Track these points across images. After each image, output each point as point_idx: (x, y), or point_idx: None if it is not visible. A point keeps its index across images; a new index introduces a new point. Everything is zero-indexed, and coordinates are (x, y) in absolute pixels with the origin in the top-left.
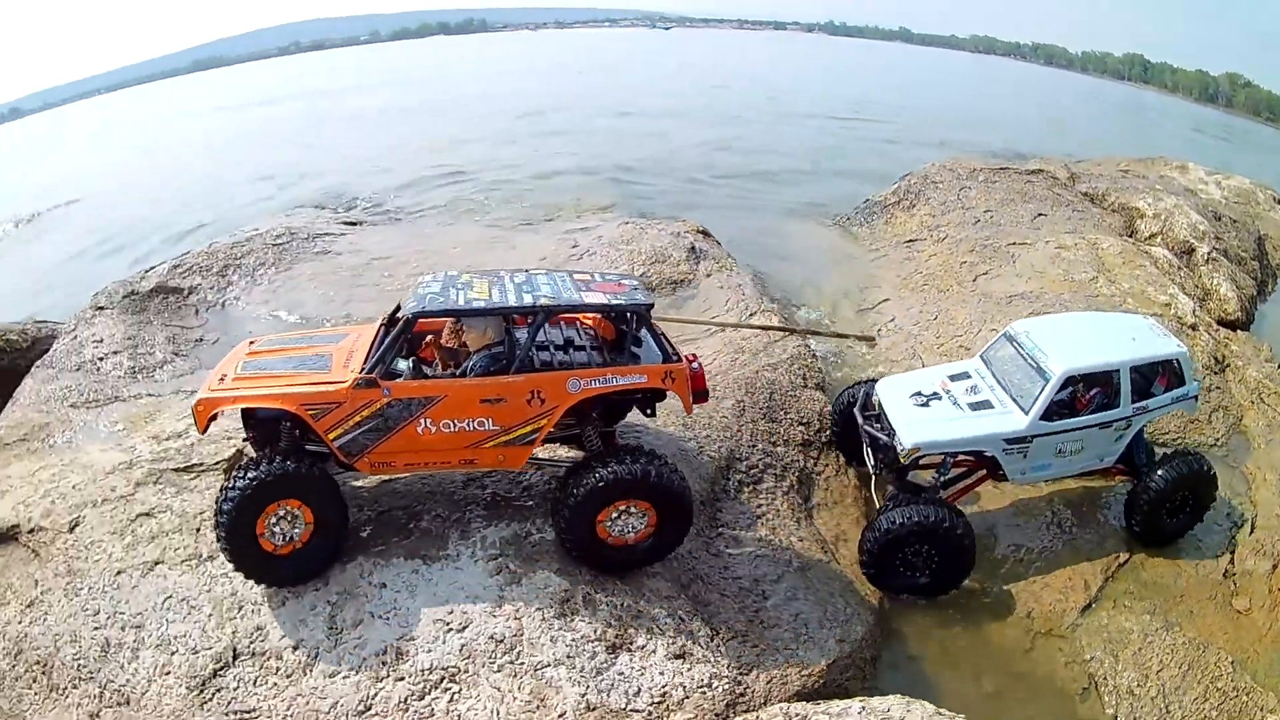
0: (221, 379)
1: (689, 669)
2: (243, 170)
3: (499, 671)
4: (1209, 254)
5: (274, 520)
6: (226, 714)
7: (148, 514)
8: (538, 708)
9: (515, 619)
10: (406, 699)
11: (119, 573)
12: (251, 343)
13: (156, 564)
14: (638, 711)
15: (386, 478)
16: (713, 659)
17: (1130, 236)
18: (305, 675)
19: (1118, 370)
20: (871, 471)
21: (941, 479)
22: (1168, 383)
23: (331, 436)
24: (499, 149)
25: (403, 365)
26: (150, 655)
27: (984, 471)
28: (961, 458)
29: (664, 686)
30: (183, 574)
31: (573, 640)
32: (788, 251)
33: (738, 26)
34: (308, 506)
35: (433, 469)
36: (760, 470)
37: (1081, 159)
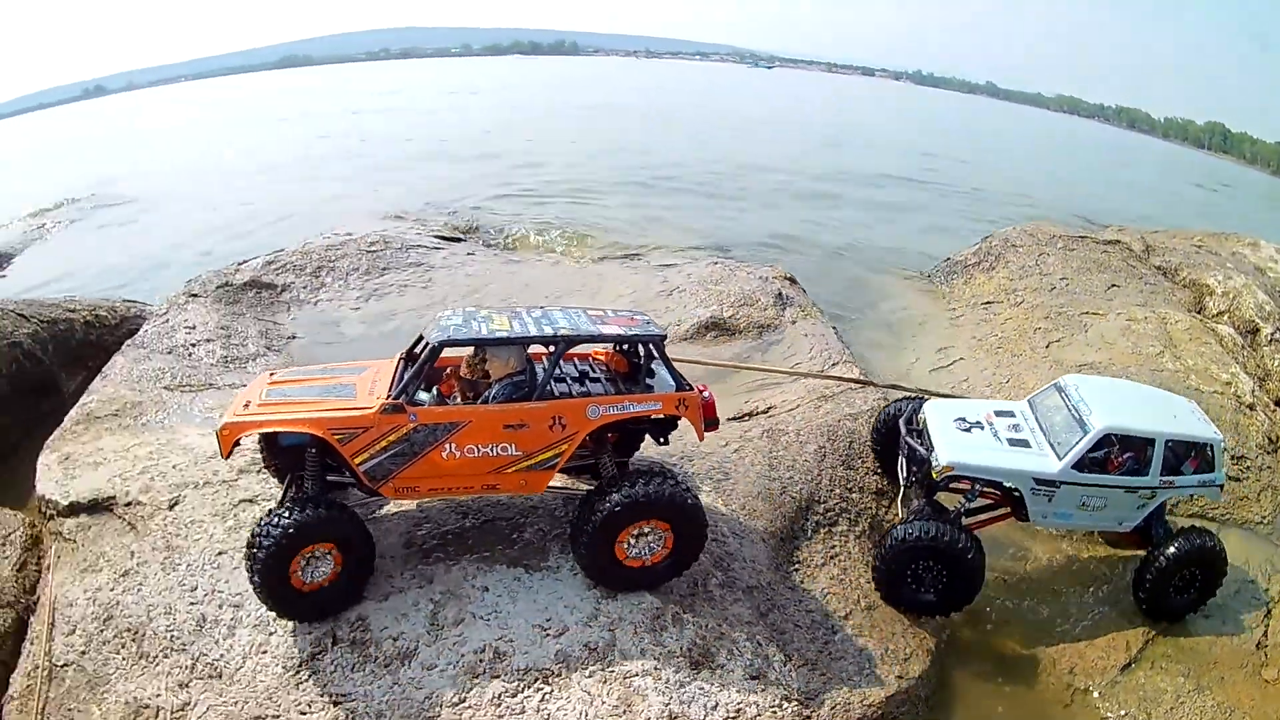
0: (246, 405)
1: (763, 689)
2: (341, 171)
3: (590, 677)
4: (1273, 334)
5: (305, 560)
6: (322, 695)
7: (251, 500)
8: (623, 713)
9: (609, 630)
10: (500, 695)
11: (220, 553)
12: (271, 374)
13: None
14: None
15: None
16: (784, 682)
17: (1199, 312)
18: (404, 666)
19: (1154, 440)
20: (902, 483)
21: (967, 505)
22: (1197, 466)
23: (358, 461)
24: (597, 174)
25: (424, 397)
26: (247, 634)
27: (1008, 510)
28: (988, 490)
29: (739, 704)
30: None
31: (660, 654)
32: (869, 303)
33: (828, 70)
34: (338, 548)
35: (456, 494)
36: (836, 514)
37: (1157, 229)
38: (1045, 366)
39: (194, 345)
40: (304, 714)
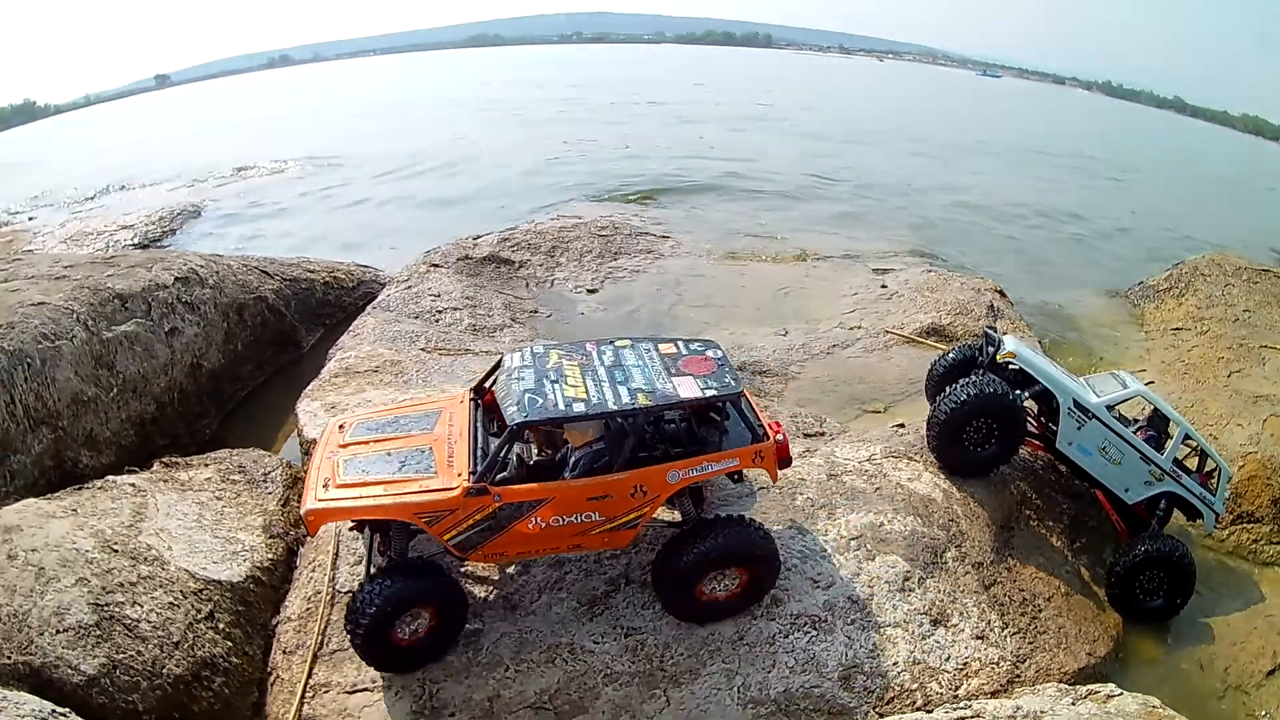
0: (325, 484)
1: (985, 649)
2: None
3: (851, 624)
4: None
5: (404, 619)
6: (614, 628)
7: None
8: (877, 656)
9: (868, 587)
10: (774, 635)
11: None
12: (341, 427)
13: None
14: (946, 672)
15: None
16: (1001, 645)
17: None
18: None
19: (1178, 426)
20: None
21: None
22: (1204, 482)
23: (446, 538)
24: (841, 162)
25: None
26: (541, 573)
27: (1039, 443)
28: (1033, 436)
29: (966, 658)
30: None
31: (908, 610)
32: (1068, 319)
33: (1019, 75)
34: (434, 609)
35: (542, 555)
36: (1045, 509)
37: None
38: (1226, 395)
39: (441, 312)
40: (596, 643)
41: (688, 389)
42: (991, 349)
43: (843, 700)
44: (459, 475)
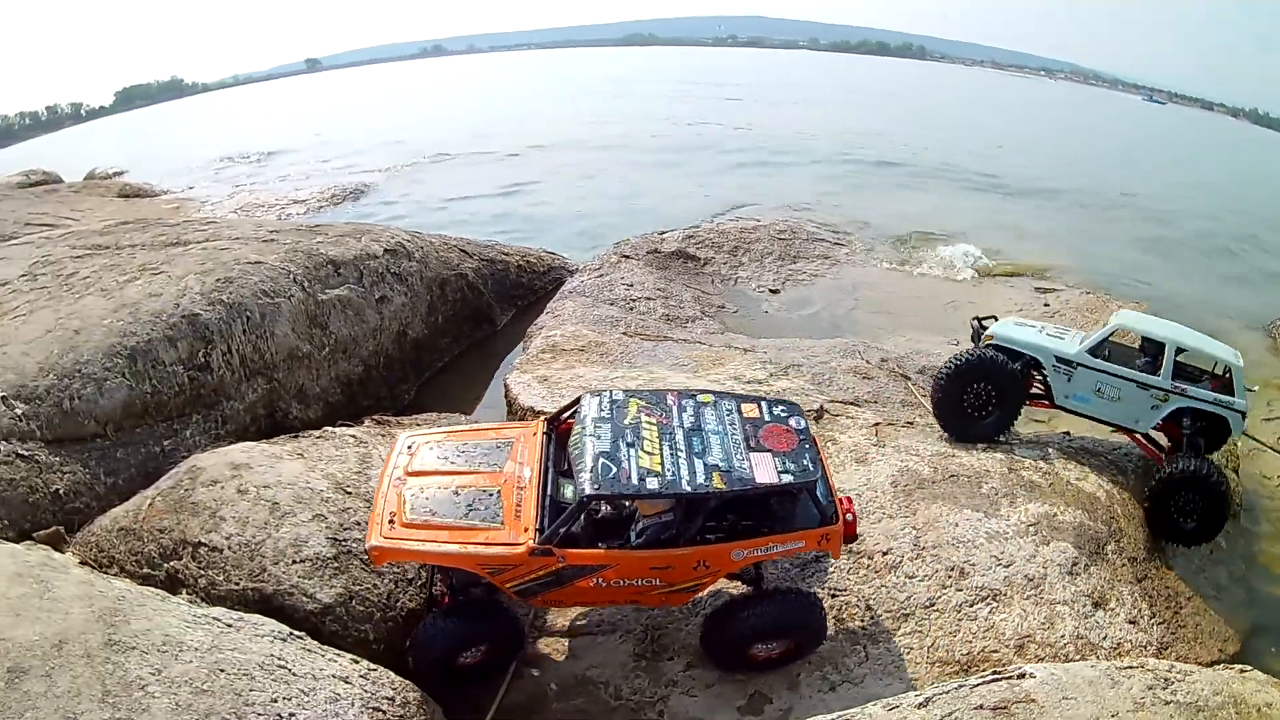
0: (392, 520)
1: (1135, 633)
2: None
3: (1027, 599)
4: None
5: (464, 653)
6: (821, 589)
7: None
8: (1047, 628)
9: (1043, 567)
10: (960, 604)
11: None
12: (410, 447)
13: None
14: (1102, 648)
15: None
16: (1149, 630)
17: None
18: (890, 573)
19: (1164, 344)
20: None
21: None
22: (1216, 386)
23: (508, 586)
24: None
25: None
26: None
27: (1048, 403)
28: (1039, 396)
29: (1120, 639)
30: None
31: (1074, 592)
32: None
33: (1169, 99)
34: (491, 645)
35: (600, 606)
36: None
37: None
38: None
39: (635, 300)
40: None
41: (765, 472)
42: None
43: (1017, 666)
44: (526, 530)
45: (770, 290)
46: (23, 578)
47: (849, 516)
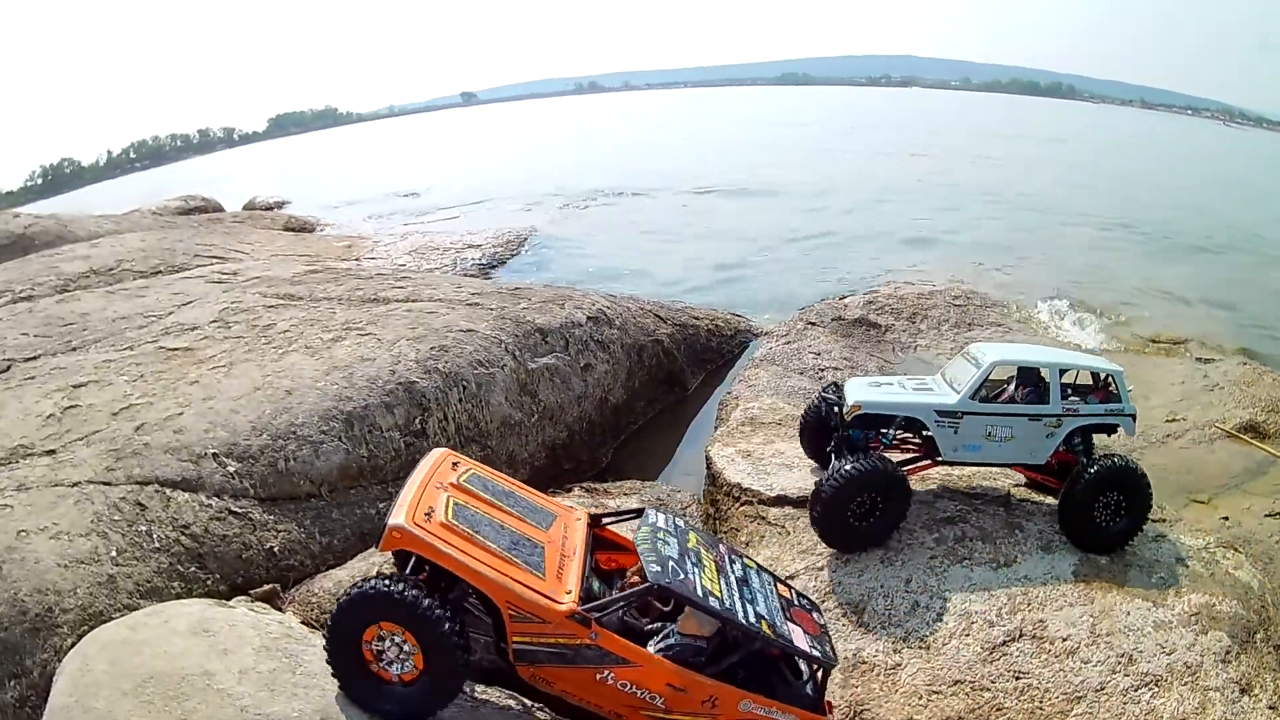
0: (429, 514)
1: (1276, 717)
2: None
3: (1184, 685)
4: None
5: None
6: (1008, 671)
7: (949, 520)
8: (1200, 713)
9: (1199, 655)
10: (1127, 689)
11: (931, 558)
12: (455, 465)
13: (964, 560)
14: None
15: None
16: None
17: None
18: (1068, 658)
19: (1044, 369)
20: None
21: (885, 445)
22: (1103, 398)
23: (515, 640)
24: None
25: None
26: (953, 620)
27: (929, 461)
28: (909, 443)
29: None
30: (984, 571)
31: (1225, 679)
32: None
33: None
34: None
35: (580, 704)
36: None
37: None
38: None
39: (824, 370)
40: (993, 682)
41: (800, 639)
42: (838, 409)
43: None
44: (567, 593)
45: (946, 358)
46: (271, 651)
47: (831, 716)
